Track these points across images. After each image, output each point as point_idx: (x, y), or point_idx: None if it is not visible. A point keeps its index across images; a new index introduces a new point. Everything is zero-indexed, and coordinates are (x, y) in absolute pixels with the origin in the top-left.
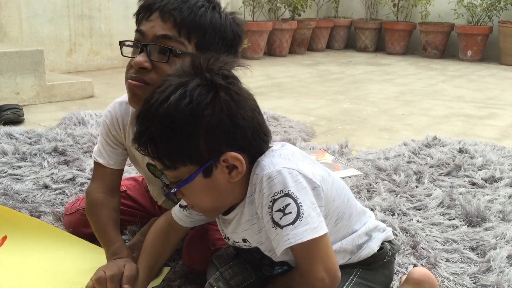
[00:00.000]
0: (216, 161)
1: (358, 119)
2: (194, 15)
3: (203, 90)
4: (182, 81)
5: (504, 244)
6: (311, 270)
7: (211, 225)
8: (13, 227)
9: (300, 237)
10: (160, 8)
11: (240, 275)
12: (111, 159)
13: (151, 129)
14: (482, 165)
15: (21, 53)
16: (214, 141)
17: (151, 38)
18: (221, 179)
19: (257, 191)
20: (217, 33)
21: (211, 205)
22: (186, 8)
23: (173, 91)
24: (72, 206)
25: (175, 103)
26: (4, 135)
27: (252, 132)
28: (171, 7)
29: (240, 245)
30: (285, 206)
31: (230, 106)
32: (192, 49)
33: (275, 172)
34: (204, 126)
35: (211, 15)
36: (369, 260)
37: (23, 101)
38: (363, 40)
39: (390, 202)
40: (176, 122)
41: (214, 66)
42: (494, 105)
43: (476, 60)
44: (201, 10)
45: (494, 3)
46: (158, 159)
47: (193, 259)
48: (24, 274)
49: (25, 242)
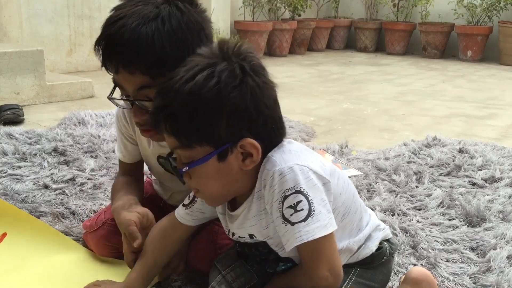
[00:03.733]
0: (234, 145)
1: (358, 119)
2: (155, 53)
3: (231, 73)
4: (210, 62)
5: (504, 244)
6: (315, 268)
7: (219, 226)
8: (14, 225)
9: (312, 234)
10: (121, 62)
11: (242, 277)
12: (127, 153)
13: (173, 104)
14: (482, 165)
15: (21, 53)
16: (235, 125)
17: (132, 92)
18: (233, 165)
19: (267, 187)
20: (182, 49)
21: (216, 191)
22: (144, 50)
23: (200, 70)
24: (96, 221)
25: (202, 82)
26: (4, 135)
27: (272, 123)
28: (131, 58)
29: (245, 240)
30: (297, 203)
31: (256, 93)
32: None
33: (287, 169)
34: (228, 108)
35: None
36: (368, 259)
37: (23, 101)
38: (363, 40)
39: (390, 202)
40: (200, 101)
41: (242, 51)
42: (494, 105)
43: (476, 60)
44: (157, 41)
45: (494, 3)
46: (175, 136)
47: (197, 259)
48: (21, 273)
49: (24, 241)
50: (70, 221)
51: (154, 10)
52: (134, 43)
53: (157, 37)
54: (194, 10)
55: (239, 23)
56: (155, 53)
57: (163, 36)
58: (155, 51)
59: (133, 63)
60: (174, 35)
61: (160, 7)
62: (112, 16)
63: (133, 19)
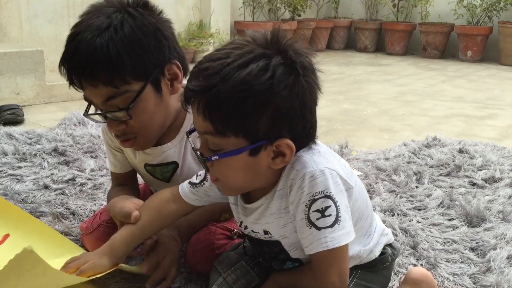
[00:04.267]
0: (269, 143)
1: (358, 120)
2: (112, 62)
3: (286, 69)
4: (265, 52)
5: (504, 245)
6: (326, 273)
7: (216, 227)
8: (16, 226)
9: (338, 241)
10: (82, 76)
11: (243, 279)
12: (118, 163)
13: (221, 88)
14: (482, 165)
15: (21, 53)
16: (277, 123)
17: (101, 104)
18: (263, 161)
19: (295, 187)
20: (141, 53)
21: (239, 183)
22: (100, 61)
23: (254, 59)
24: (92, 223)
25: (256, 72)
26: (4, 136)
27: (309, 126)
28: (90, 71)
29: (258, 236)
30: (325, 208)
31: (305, 95)
32: (136, 85)
33: (318, 172)
34: (274, 105)
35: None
36: (370, 263)
37: (23, 101)
38: (363, 41)
39: (390, 202)
40: (251, 92)
41: (298, 48)
42: (494, 106)
43: (476, 60)
44: (112, 50)
45: (494, 3)
46: (211, 120)
47: (197, 261)
48: None
49: (27, 242)
50: (70, 221)
51: (106, 21)
52: (90, 56)
53: (111, 46)
54: (148, 13)
55: (239, 23)
56: (112, 63)
57: (117, 45)
58: (111, 61)
59: (93, 77)
60: (128, 41)
61: (112, 16)
62: (70, 34)
63: (87, 33)
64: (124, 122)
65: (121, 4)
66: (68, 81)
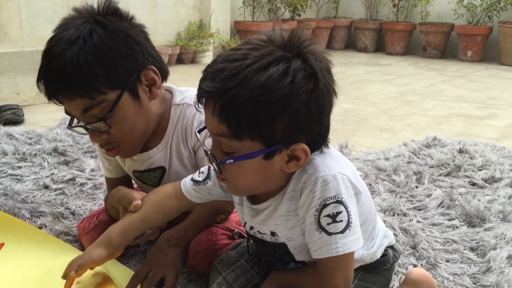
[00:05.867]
0: (285, 147)
1: (358, 119)
2: (83, 74)
3: (306, 75)
4: (285, 55)
5: (504, 245)
6: (331, 276)
7: (218, 228)
8: (11, 235)
9: (348, 247)
10: (58, 92)
11: (243, 277)
12: (112, 168)
13: (239, 92)
14: (482, 165)
15: (21, 53)
16: (294, 128)
17: (80, 116)
18: (276, 165)
19: (306, 191)
20: (113, 62)
21: (249, 186)
22: (72, 75)
23: (274, 62)
24: (89, 223)
25: (277, 77)
26: (4, 136)
27: (324, 131)
28: (63, 86)
29: (264, 237)
30: (337, 213)
31: (324, 101)
32: (113, 93)
33: (331, 177)
34: (293, 110)
35: (91, 56)
36: (372, 265)
37: (23, 101)
38: (363, 41)
39: (390, 202)
40: (270, 96)
41: (317, 52)
42: (494, 105)
43: (476, 60)
44: (82, 62)
45: (494, 3)
46: (227, 123)
47: (198, 262)
48: (19, 282)
49: (22, 250)
50: (70, 221)
51: (75, 33)
52: (62, 70)
53: (81, 58)
54: (117, 20)
55: (239, 23)
56: (83, 75)
57: (87, 56)
58: (82, 72)
59: (68, 91)
60: (98, 51)
61: (80, 27)
62: (44, 49)
63: (58, 47)
64: (106, 132)
65: (91, 13)
66: (46, 96)
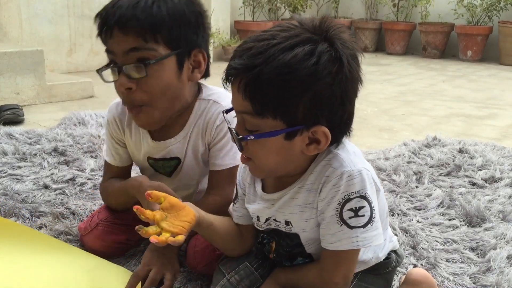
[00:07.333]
0: (306, 128)
1: (358, 119)
2: (151, 16)
3: (331, 58)
4: (312, 37)
5: (504, 244)
6: (332, 273)
7: None
8: (5, 236)
9: (369, 241)
10: (117, 23)
11: (247, 280)
12: (117, 157)
13: (264, 69)
14: (482, 165)
15: (21, 53)
16: (316, 109)
17: (122, 55)
18: (297, 146)
19: (329, 185)
20: (179, 23)
21: (270, 165)
22: (141, 12)
23: (300, 43)
24: (90, 223)
25: (301, 56)
26: (4, 135)
27: (347, 117)
28: (127, 18)
29: (279, 226)
30: (359, 207)
31: (347, 85)
32: (164, 49)
33: (356, 172)
34: (316, 91)
35: (165, 8)
36: (373, 267)
37: (23, 101)
38: (363, 40)
39: (390, 202)
40: (293, 75)
41: (346, 39)
42: (494, 105)
43: (476, 60)
44: (154, 8)
45: (494, 3)
46: (251, 100)
47: (197, 261)
48: (14, 284)
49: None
50: (70, 221)
51: None
52: (132, 6)
53: (157, 4)
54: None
55: (239, 23)
56: (151, 16)
57: (162, 5)
58: (152, 15)
59: (129, 23)
60: (173, 7)
61: None
62: None
63: None
64: (135, 83)
65: None
66: (98, 30)
